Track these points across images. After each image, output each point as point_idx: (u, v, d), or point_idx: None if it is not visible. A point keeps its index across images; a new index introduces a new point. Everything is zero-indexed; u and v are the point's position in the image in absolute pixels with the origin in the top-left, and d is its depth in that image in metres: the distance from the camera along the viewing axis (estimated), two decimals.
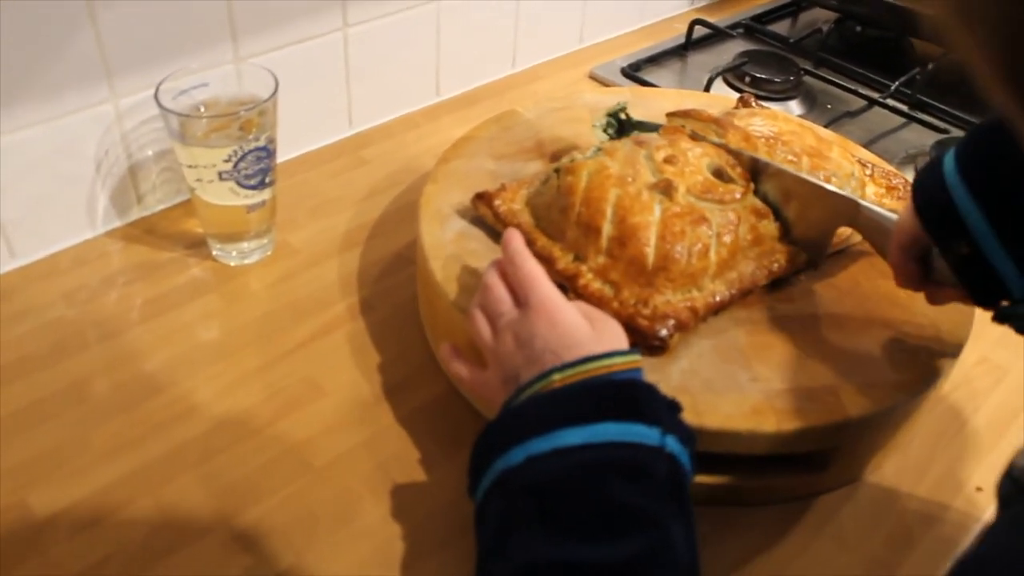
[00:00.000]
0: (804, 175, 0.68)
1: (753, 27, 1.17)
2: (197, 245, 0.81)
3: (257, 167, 0.73)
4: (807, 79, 1.08)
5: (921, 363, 0.64)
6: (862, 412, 0.60)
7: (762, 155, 0.70)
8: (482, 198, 0.70)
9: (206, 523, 0.59)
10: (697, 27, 1.14)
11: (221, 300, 0.76)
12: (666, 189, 0.65)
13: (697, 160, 0.68)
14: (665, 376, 0.61)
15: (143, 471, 0.62)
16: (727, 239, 0.65)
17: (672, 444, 0.48)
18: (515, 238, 0.59)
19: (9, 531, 0.58)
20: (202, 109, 0.74)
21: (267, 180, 0.75)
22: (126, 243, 0.81)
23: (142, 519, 0.59)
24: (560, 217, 0.66)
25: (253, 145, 0.72)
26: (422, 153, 0.94)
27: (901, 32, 1.19)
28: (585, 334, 0.53)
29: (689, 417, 0.57)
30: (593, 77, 1.09)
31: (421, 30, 0.96)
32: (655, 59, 1.11)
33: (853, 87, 1.05)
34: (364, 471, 0.63)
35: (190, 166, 0.73)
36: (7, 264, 0.78)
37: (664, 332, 0.61)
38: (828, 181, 0.70)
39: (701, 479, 0.61)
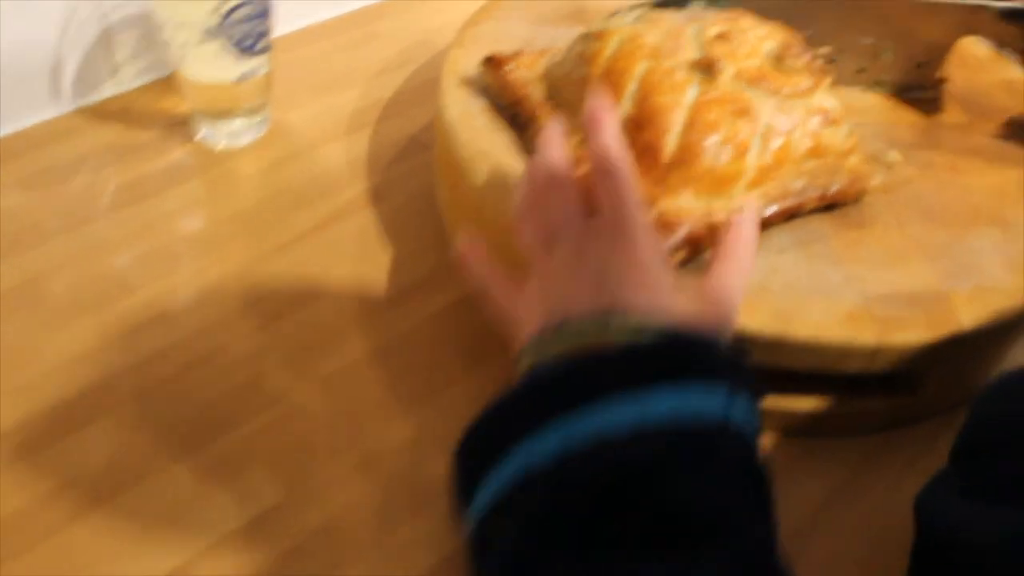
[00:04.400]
0: None
1: None
2: (180, 125, 0.69)
3: (249, 25, 0.61)
4: None
5: None
6: (977, 321, 0.49)
7: None
8: (492, 62, 0.58)
9: (180, 448, 0.49)
10: None
11: (207, 187, 0.65)
12: (708, 68, 0.52)
13: (758, 41, 0.55)
14: None
15: (105, 386, 0.51)
16: (776, 142, 0.51)
17: (739, 410, 0.35)
18: (608, 119, 0.42)
19: None
20: None
21: (261, 44, 0.63)
22: (97, 122, 0.70)
23: (103, 443, 0.49)
24: (575, 90, 0.54)
25: None
26: (442, 27, 0.81)
27: None
28: (667, 285, 0.40)
29: (772, 324, 0.47)
30: None
31: None
32: None
33: None
34: (371, 387, 0.52)
35: (170, 24, 0.61)
36: None
37: (666, 245, 0.48)
38: None
39: (771, 405, 0.51)
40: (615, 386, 0.33)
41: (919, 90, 0.65)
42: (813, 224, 0.54)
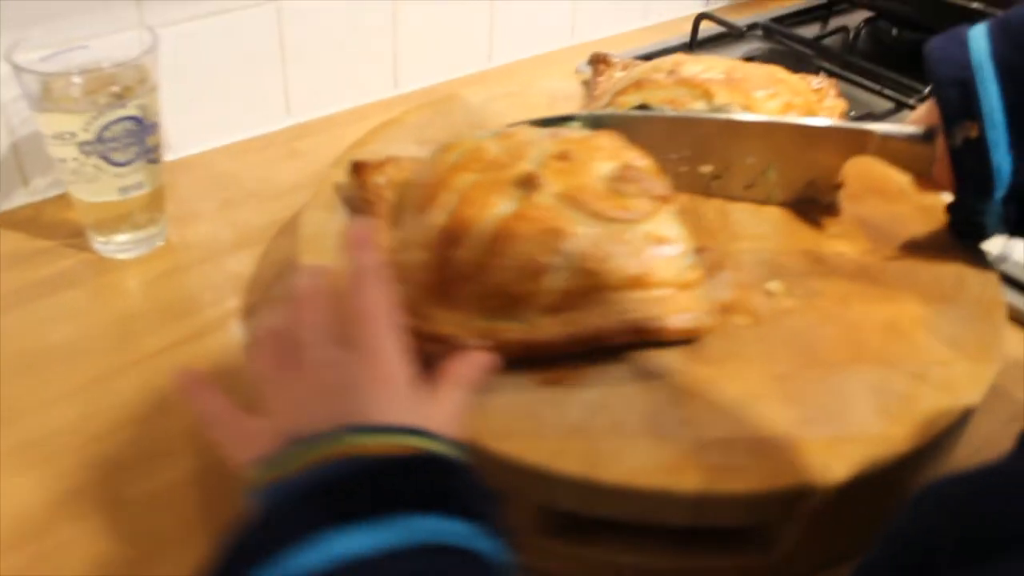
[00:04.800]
0: (798, 120, 0.61)
1: (773, 28, 1.02)
2: (82, 235, 0.70)
3: (128, 140, 0.62)
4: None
5: (921, 414, 0.48)
6: (823, 475, 0.44)
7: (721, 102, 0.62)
8: (357, 167, 0.57)
9: None
10: (706, 22, 0.99)
11: (86, 296, 0.65)
12: (527, 183, 0.50)
13: (597, 163, 0.52)
14: (560, 411, 0.46)
15: None
16: (588, 266, 0.48)
17: (489, 548, 0.34)
18: (367, 240, 0.42)
19: None
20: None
21: (144, 158, 0.64)
22: (1, 229, 0.71)
23: None
24: (413, 198, 0.53)
25: (119, 114, 0.60)
26: None
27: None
28: (412, 401, 0.38)
29: (578, 466, 0.43)
30: (581, 75, 0.95)
31: (373, 10, 0.84)
32: (653, 58, 0.97)
33: (878, 88, 0.89)
34: (185, 510, 0.49)
35: (53, 139, 0.62)
36: None
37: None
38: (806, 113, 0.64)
39: (600, 554, 0.46)
40: (356, 514, 0.32)
41: (814, 201, 0.63)
42: (663, 356, 0.50)
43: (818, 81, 0.69)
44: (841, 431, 0.46)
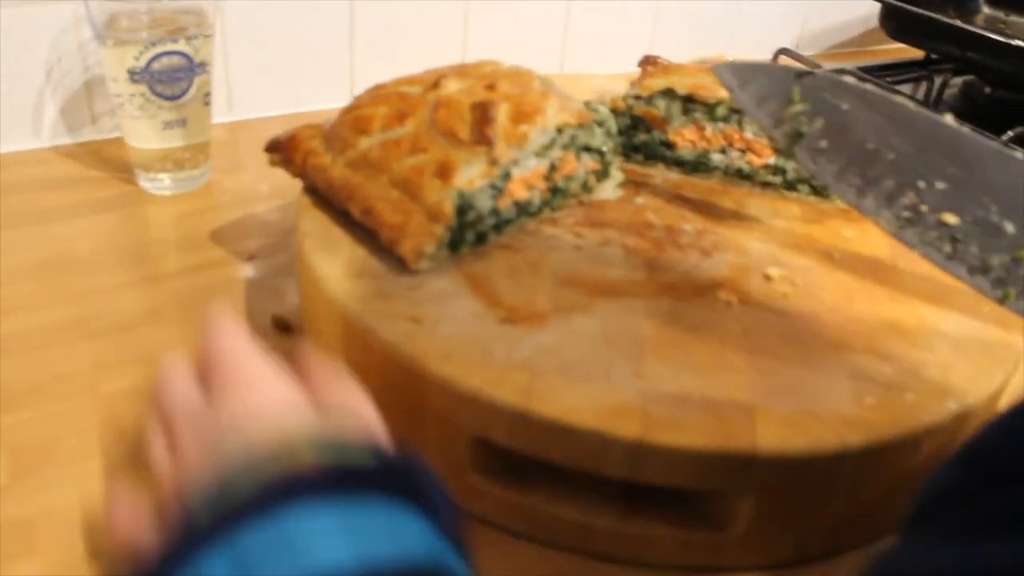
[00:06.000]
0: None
1: (858, 75, 0.99)
2: (130, 171, 0.73)
3: (176, 76, 0.65)
4: None
5: (902, 407, 0.44)
6: (779, 445, 0.41)
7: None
8: (275, 149, 0.61)
9: None
10: (785, 59, 0.98)
11: (118, 221, 0.68)
12: (435, 84, 0.57)
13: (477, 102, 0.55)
14: (511, 347, 0.45)
15: None
16: (392, 151, 0.53)
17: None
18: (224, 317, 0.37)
19: None
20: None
21: (188, 96, 0.67)
22: (63, 158, 0.75)
23: None
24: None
25: (170, 48, 0.64)
26: None
27: None
28: (292, 405, 0.34)
29: (515, 396, 0.42)
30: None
31: (443, 4, 0.87)
32: None
33: None
34: None
35: (109, 69, 0.66)
36: None
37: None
38: None
39: (536, 502, 0.44)
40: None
41: None
42: (632, 320, 0.48)
43: None
44: (806, 407, 0.43)
